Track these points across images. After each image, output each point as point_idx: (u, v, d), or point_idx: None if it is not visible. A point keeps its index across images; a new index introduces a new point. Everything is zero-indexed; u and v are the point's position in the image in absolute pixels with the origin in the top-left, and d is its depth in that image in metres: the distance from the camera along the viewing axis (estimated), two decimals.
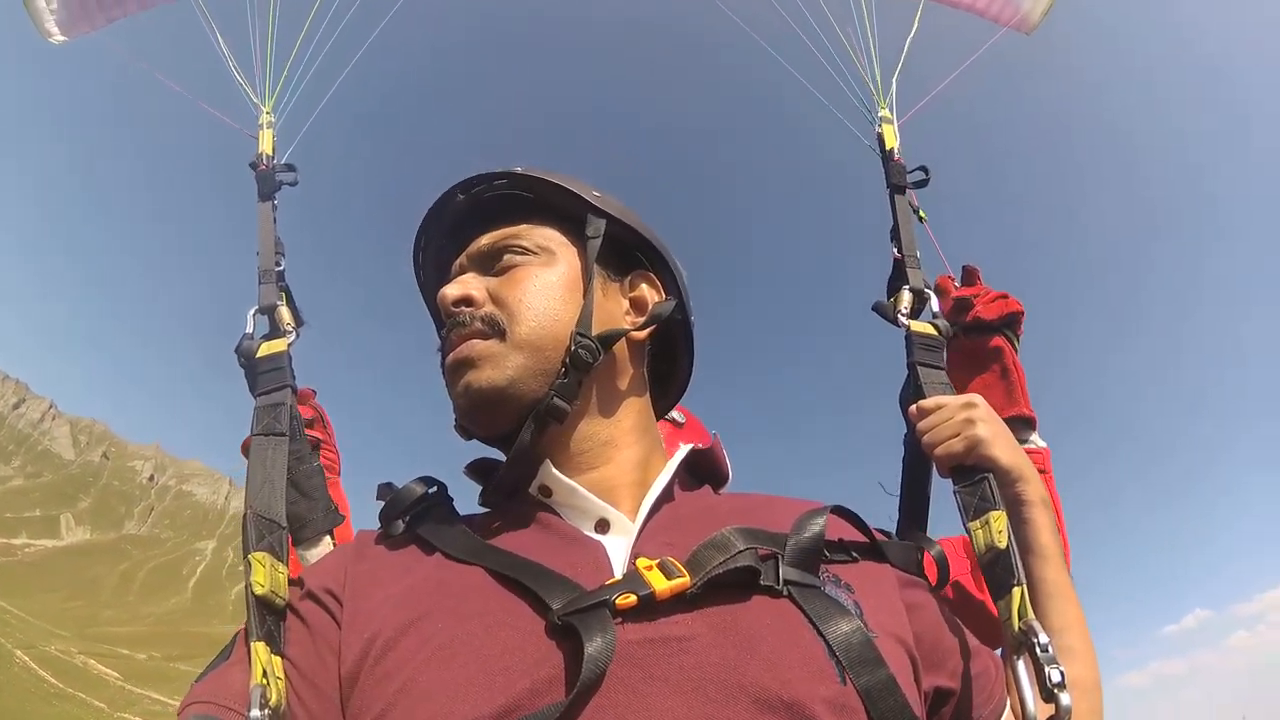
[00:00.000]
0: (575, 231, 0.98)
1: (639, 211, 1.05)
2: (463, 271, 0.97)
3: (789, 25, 2.01)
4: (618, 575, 0.75)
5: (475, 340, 0.88)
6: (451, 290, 0.92)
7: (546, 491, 0.88)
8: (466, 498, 0.98)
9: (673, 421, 1.84)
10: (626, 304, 1.00)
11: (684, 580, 0.71)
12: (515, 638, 0.69)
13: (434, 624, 0.72)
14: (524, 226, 0.97)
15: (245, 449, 1.43)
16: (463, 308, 0.91)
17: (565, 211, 0.99)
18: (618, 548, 0.80)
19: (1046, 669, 0.84)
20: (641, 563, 0.74)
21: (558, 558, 0.78)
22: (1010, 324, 1.51)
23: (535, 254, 0.95)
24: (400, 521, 0.90)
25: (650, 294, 1.01)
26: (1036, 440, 1.45)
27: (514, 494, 0.94)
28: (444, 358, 0.93)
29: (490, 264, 0.96)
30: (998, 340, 1.50)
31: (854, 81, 1.85)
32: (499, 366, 0.87)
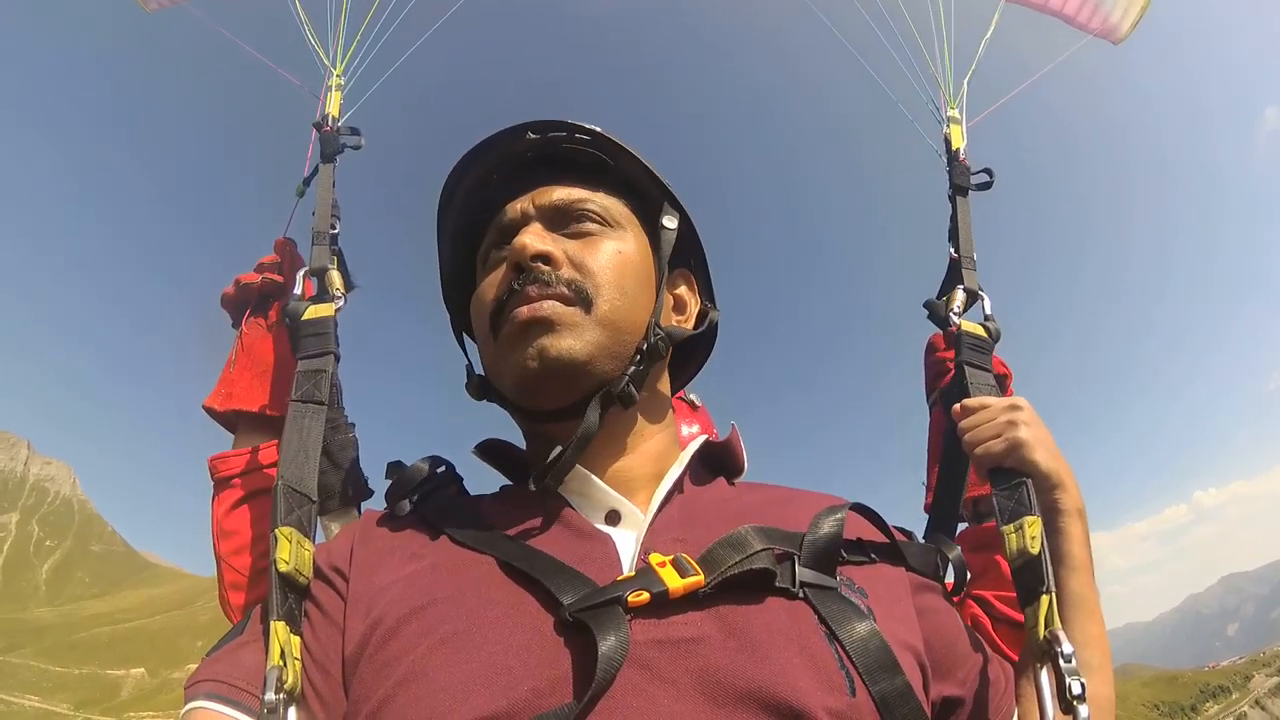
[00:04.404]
0: (643, 215, 0.96)
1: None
2: (526, 220, 0.90)
3: (864, 24, 1.98)
4: (627, 570, 0.74)
5: (556, 303, 0.83)
6: (534, 243, 0.85)
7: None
8: (475, 478, 0.97)
9: (690, 404, 1.84)
10: (671, 300, 0.98)
11: (698, 579, 0.70)
12: (521, 633, 0.67)
13: (438, 613, 0.70)
14: (601, 194, 0.93)
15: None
16: (540, 264, 0.84)
17: (639, 191, 0.97)
18: (627, 541, 0.79)
19: (1068, 680, 0.82)
20: (654, 558, 0.72)
21: (567, 550, 0.76)
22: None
23: (612, 227, 0.91)
24: (407, 502, 0.89)
25: (688, 295, 1.01)
26: None
27: (524, 477, 0.91)
28: (507, 308, 0.85)
29: (562, 222, 0.90)
30: None
31: (925, 80, 1.83)
32: (580, 338, 0.82)
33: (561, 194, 0.91)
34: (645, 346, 0.87)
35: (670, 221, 0.96)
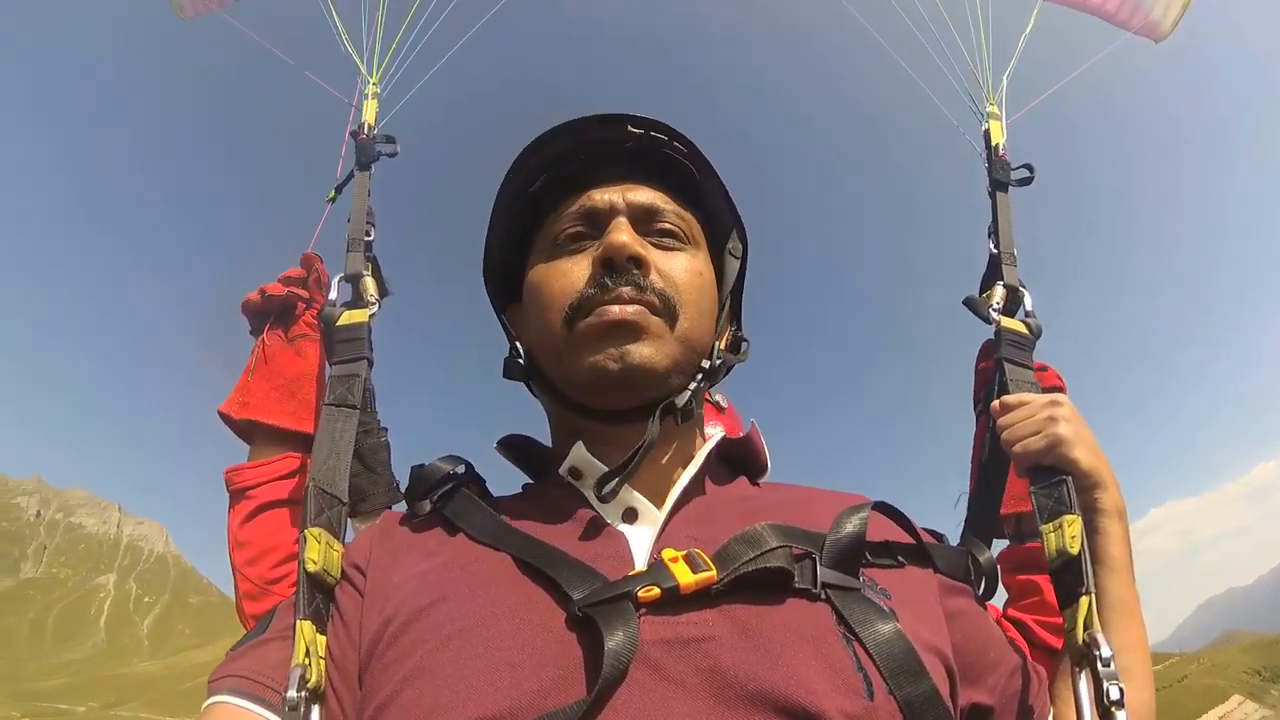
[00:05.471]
0: (711, 235, 0.97)
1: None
2: (615, 213, 0.88)
3: (901, 20, 1.99)
4: (639, 566, 0.73)
5: (646, 310, 0.82)
6: (632, 243, 0.84)
7: (576, 474, 0.85)
8: (498, 480, 0.96)
9: (716, 405, 1.85)
10: None
11: (710, 575, 0.68)
12: (529, 630, 0.67)
13: (448, 609, 0.70)
14: (686, 209, 0.93)
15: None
16: (632, 268, 0.83)
17: (711, 212, 0.98)
18: (642, 539, 0.77)
19: (1105, 684, 0.81)
20: (667, 554, 0.71)
21: (581, 547, 0.76)
22: None
23: (690, 244, 0.91)
24: (427, 502, 0.89)
25: (724, 321, 1.00)
26: None
27: (544, 474, 0.94)
28: (592, 302, 0.83)
29: (646, 225, 0.89)
30: None
31: (963, 76, 1.81)
32: (661, 350, 0.82)
33: (652, 197, 0.90)
34: (707, 366, 0.88)
35: (737, 250, 0.98)
